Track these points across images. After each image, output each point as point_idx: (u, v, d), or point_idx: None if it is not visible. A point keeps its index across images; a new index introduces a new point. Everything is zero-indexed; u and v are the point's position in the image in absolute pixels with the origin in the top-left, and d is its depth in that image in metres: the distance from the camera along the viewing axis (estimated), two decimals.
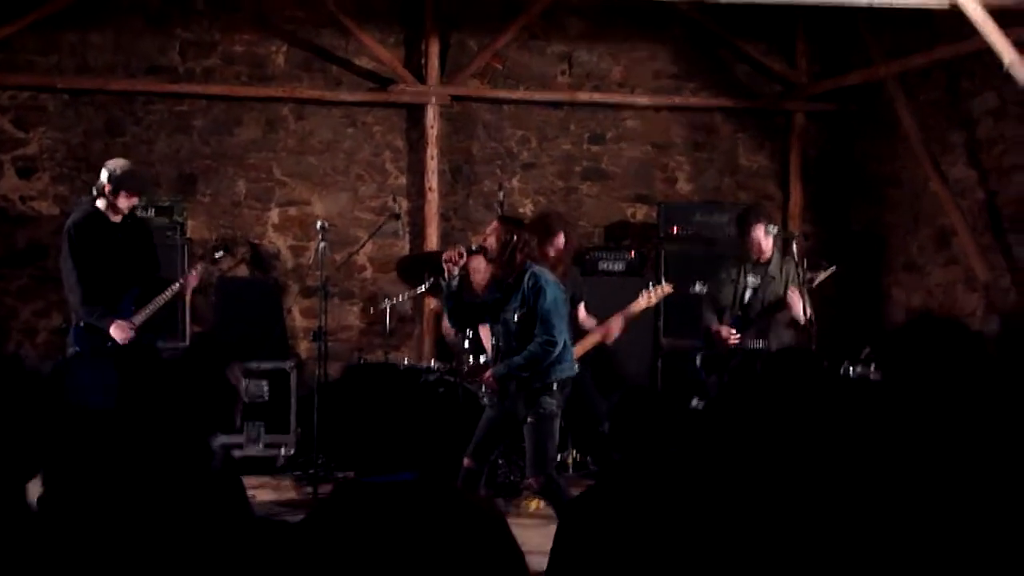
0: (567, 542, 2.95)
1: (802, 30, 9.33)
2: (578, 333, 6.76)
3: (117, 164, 6.31)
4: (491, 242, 5.56)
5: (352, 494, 2.64)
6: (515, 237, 5.53)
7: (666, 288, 6.90)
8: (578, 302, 6.97)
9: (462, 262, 5.61)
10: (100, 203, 6.26)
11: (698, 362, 6.98)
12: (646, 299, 6.87)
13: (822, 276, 6.69)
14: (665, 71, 9.38)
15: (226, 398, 3.17)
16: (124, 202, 6.25)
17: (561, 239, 6.53)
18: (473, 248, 5.68)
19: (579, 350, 6.54)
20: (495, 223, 5.68)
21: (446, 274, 5.63)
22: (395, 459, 2.60)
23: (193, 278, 6.51)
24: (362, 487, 2.63)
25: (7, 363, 2.43)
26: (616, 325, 6.89)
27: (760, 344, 6.68)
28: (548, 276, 5.57)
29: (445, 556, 2.49)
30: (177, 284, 6.43)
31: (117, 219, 6.29)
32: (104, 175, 6.24)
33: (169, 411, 2.84)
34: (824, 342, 6.62)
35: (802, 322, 6.53)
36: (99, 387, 6.01)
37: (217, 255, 6.98)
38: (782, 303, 6.66)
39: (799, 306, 6.55)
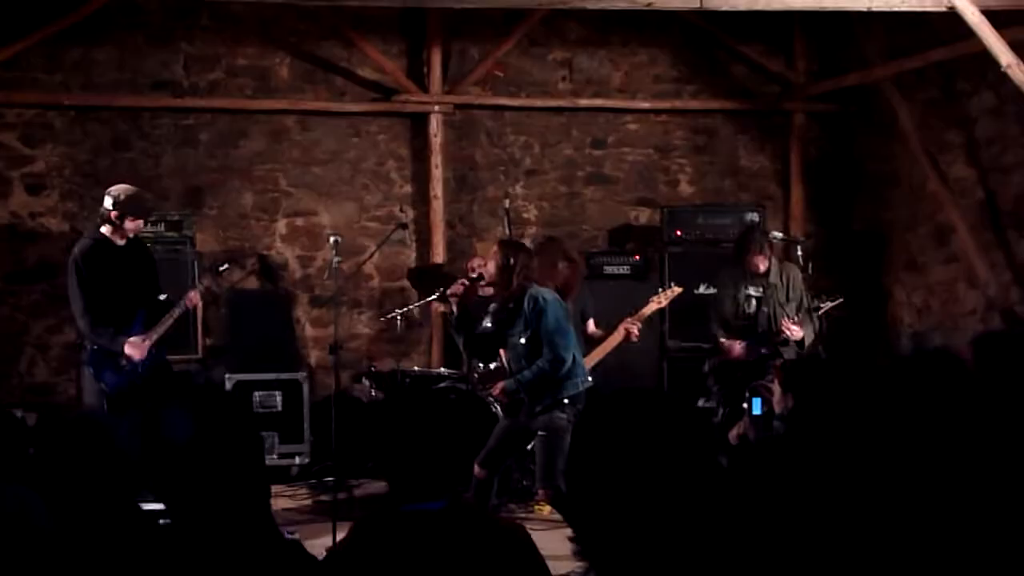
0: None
1: (799, 30, 9.41)
2: (591, 345, 6.86)
3: (120, 190, 6.35)
4: (490, 267, 5.68)
5: (383, 523, 2.69)
6: (512, 260, 5.63)
7: (676, 289, 7.04)
8: (587, 318, 7.08)
9: (462, 289, 5.77)
10: (105, 229, 6.32)
11: (706, 368, 7.10)
12: (657, 302, 6.98)
13: (828, 306, 6.79)
14: (665, 75, 9.47)
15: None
16: (131, 225, 6.33)
17: (563, 267, 6.46)
18: (473, 276, 5.82)
19: (601, 352, 6.67)
20: (494, 247, 5.80)
21: (454, 307, 5.77)
22: (434, 483, 2.66)
23: (195, 296, 6.59)
24: (393, 516, 2.67)
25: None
26: (635, 326, 6.93)
27: (766, 351, 6.82)
28: (548, 295, 5.66)
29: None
30: (180, 305, 6.50)
31: (122, 243, 6.36)
32: (108, 201, 6.30)
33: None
34: (829, 343, 6.73)
35: (801, 345, 6.68)
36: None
37: (221, 268, 7.02)
38: (778, 331, 6.78)
39: (796, 333, 6.70)
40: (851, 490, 2.90)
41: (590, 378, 5.81)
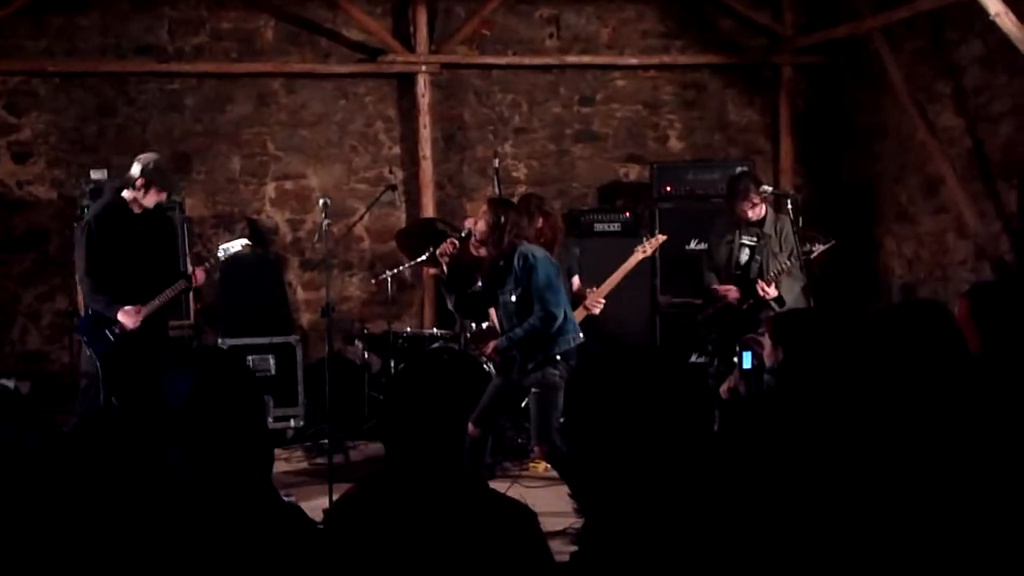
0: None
1: None
2: (575, 303, 6.85)
3: (150, 159, 6.30)
4: (480, 225, 5.67)
5: (385, 488, 2.61)
6: (503, 219, 5.62)
7: (660, 237, 7.03)
8: (572, 275, 7.07)
9: (452, 249, 5.76)
10: (126, 193, 6.28)
11: (699, 318, 7.11)
12: (642, 251, 6.96)
13: (820, 249, 6.72)
14: (652, 30, 9.42)
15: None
16: (152, 198, 6.28)
17: (540, 222, 6.48)
18: (463, 235, 5.80)
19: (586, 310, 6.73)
20: (484, 206, 5.78)
21: (444, 268, 5.76)
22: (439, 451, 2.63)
23: (200, 274, 6.56)
24: (396, 482, 2.60)
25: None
26: (596, 306, 6.90)
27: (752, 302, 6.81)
28: (538, 253, 5.65)
29: (473, 555, 2.49)
30: (183, 282, 6.48)
31: (138, 211, 6.33)
32: (136, 169, 6.22)
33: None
34: (820, 294, 6.73)
35: (780, 302, 6.63)
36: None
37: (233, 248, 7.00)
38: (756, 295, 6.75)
39: (771, 293, 6.66)
40: (839, 443, 2.93)
41: (581, 334, 5.82)
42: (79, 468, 2.38)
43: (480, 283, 5.92)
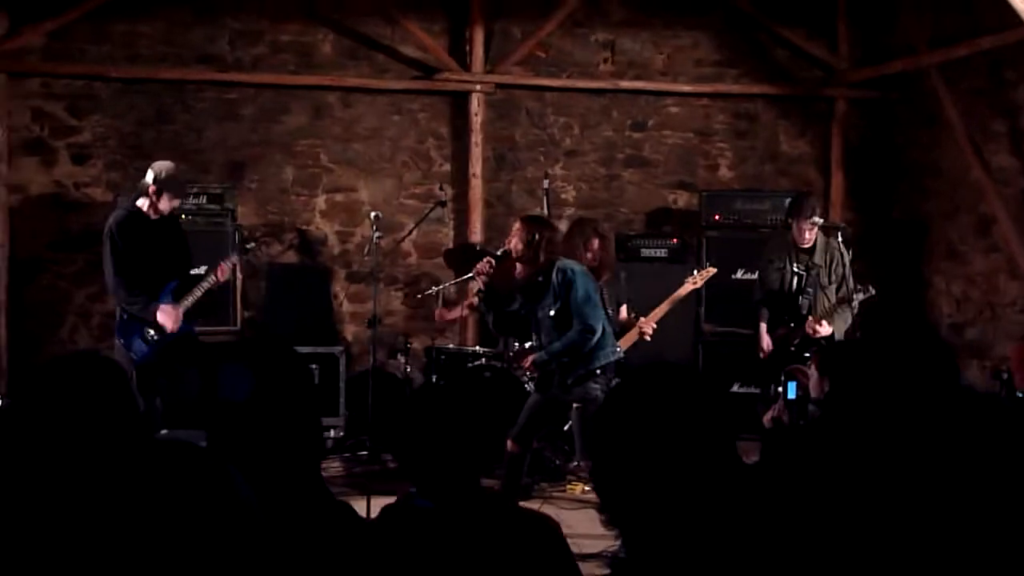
0: None
1: (843, 15, 9.33)
2: (623, 331, 6.89)
3: (163, 167, 6.47)
4: (516, 243, 5.69)
5: (405, 517, 2.59)
6: (538, 236, 5.65)
7: (710, 270, 7.05)
8: (621, 304, 7.08)
9: (488, 267, 5.80)
10: (141, 202, 6.43)
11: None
12: (692, 282, 6.99)
13: (861, 298, 6.74)
14: (707, 58, 9.43)
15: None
16: (166, 204, 6.43)
17: (595, 244, 6.55)
18: (499, 254, 5.83)
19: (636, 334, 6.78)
20: (517, 224, 5.81)
21: (481, 285, 5.80)
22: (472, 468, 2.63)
23: (224, 269, 6.65)
24: (415, 511, 2.58)
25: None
26: (649, 326, 6.97)
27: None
28: (576, 267, 5.69)
29: (498, 568, 2.48)
30: (212, 277, 6.58)
31: (156, 217, 6.45)
32: (149, 176, 6.41)
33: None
34: (867, 330, 6.70)
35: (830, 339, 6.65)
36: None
37: (248, 246, 7.11)
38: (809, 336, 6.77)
39: (823, 332, 6.67)
40: (885, 475, 2.91)
41: (620, 349, 5.84)
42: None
43: (519, 301, 5.94)
